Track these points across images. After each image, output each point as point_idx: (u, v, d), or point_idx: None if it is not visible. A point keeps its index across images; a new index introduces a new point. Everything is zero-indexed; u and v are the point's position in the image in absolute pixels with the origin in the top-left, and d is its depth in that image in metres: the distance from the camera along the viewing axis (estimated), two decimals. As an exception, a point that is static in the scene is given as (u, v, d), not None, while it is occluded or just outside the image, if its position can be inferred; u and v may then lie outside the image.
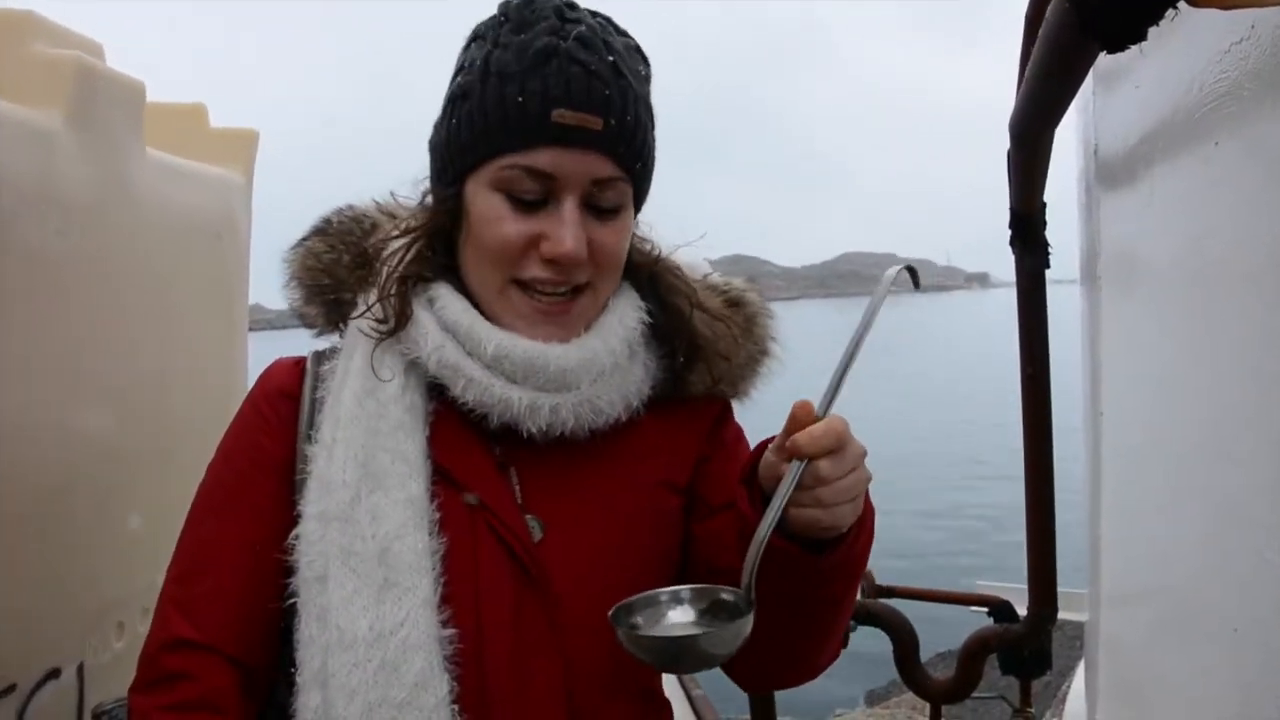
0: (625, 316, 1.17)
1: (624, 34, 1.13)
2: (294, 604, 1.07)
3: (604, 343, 1.13)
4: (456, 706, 1.03)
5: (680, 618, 1.01)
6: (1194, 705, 1.04)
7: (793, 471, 0.93)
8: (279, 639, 1.11)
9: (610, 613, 0.98)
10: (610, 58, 1.07)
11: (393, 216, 1.24)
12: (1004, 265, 2.12)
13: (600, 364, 1.12)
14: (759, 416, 1.29)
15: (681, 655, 0.98)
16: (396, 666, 1.01)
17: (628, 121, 1.07)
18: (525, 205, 1.07)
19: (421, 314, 1.12)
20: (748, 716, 2.83)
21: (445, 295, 1.13)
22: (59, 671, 1.74)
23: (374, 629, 1.02)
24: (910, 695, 5.75)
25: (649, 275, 1.22)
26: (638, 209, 1.17)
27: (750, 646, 0.96)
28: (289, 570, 1.08)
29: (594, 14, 1.11)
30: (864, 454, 0.98)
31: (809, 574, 1.00)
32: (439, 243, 1.16)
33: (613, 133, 1.06)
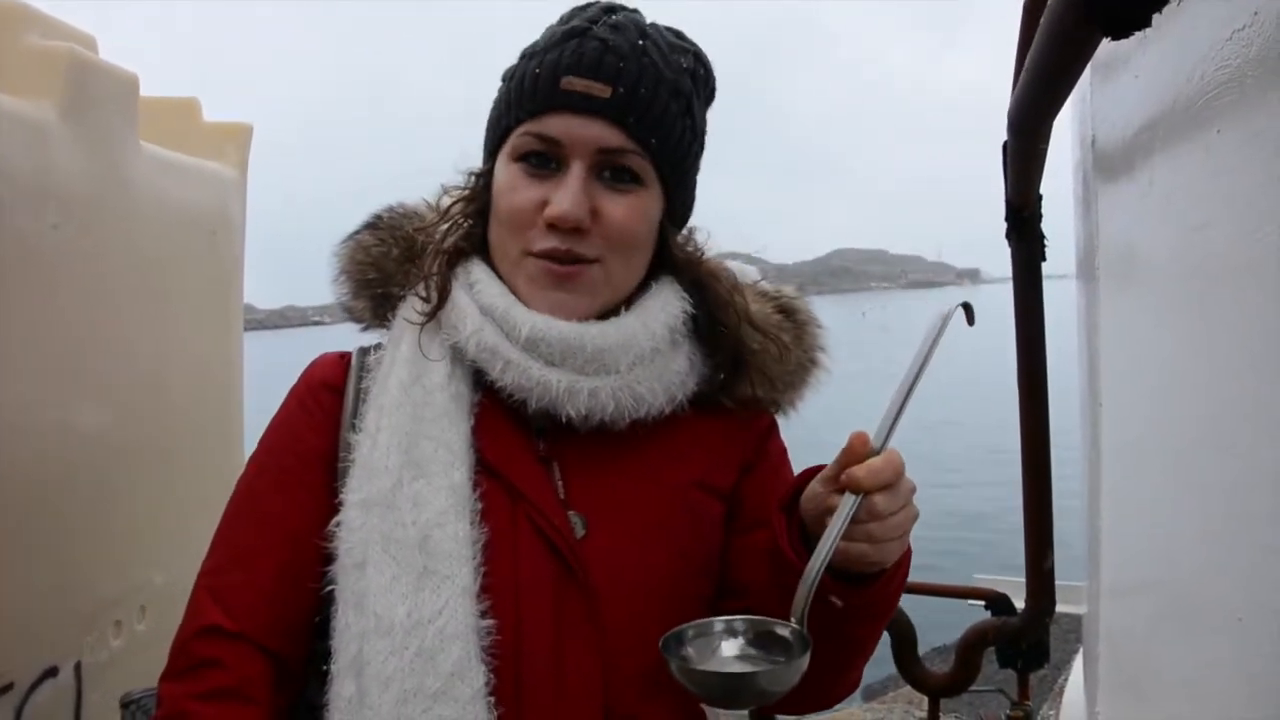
0: (668, 303, 1.17)
1: (682, 38, 1.16)
2: (330, 593, 1.07)
3: (643, 324, 1.14)
4: (493, 699, 1.02)
5: (732, 651, 0.99)
6: (1197, 697, 1.04)
7: (848, 505, 0.92)
8: (314, 632, 1.11)
9: (660, 642, 0.97)
10: (640, 41, 1.09)
11: (437, 209, 1.24)
12: (995, 261, 2.13)
13: (639, 346, 1.12)
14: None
15: (737, 691, 0.96)
16: (433, 655, 1.00)
17: (640, 93, 1.08)
18: (539, 174, 1.10)
19: (461, 297, 1.14)
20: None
21: (483, 278, 1.14)
22: (56, 670, 1.73)
23: (412, 616, 1.01)
24: (907, 690, 5.76)
25: (695, 282, 1.21)
26: (669, 196, 1.16)
27: None
28: (328, 558, 1.08)
29: (647, 20, 1.14)
30: (914, 490, 0.98)
31: (844, 610, 1.00)
32: (478, 222, 1.18)
33: (621, 101, 1.07)
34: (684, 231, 1.23)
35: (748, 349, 1.20)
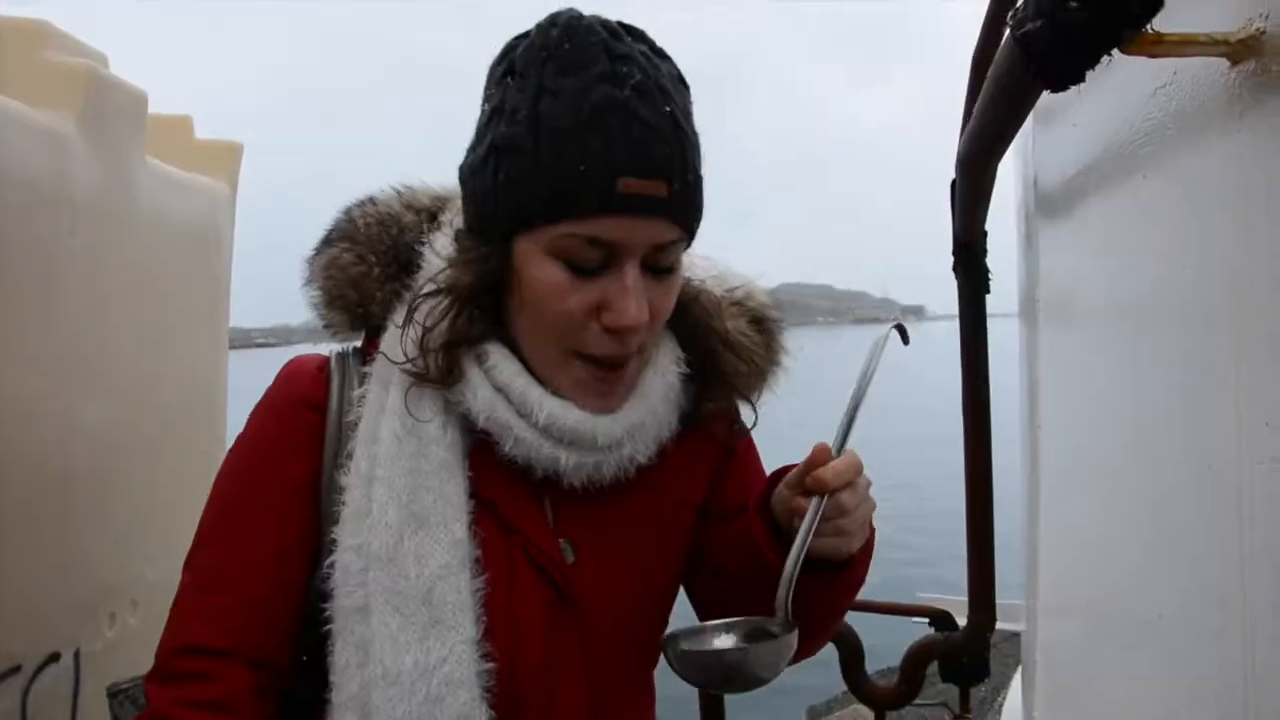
0: (665, 371, 1.16)
1: (664, 56, 1.07)
2: (322, 612, 1.07)
3: (647, 405, 1.13)
4: None
5: (727, 643, 1.05)
6: (1125, 704, 1.10)
7: (816, 506, 1.00)
8: (299, 640, 1.10)
9: (661, 639, 1.05)
10: (668, 108, 1.00)
11: (415, 210, 1.20)
12: (938, 299, 2.18)
13: (643, 427, 1.13)
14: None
15: (732, 672, 1.02)
16: (440, 699, 1.02)
17: (689, 181, 1.02)
18: (585, 271, 1.02)
19: (470, 369, 1.09)
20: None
21: (496, 354, 1.09)
22: (59, 655, 1.76)
23: (418, 665, 1.02)
24: (851, 710, 5.80)
25: (684, 313, 1.18)
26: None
27: None
28: (322, 594, 1.07)
29: (633, 34, 1.05)
30: (870, 484, 1.06)
31: (821, 595, 1.07)
32: (484, 299, 1.10)
33: (677, 197, 1.01)
34: None
35: (723, 372, 1.21)
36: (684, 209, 1.03)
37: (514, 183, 1.02)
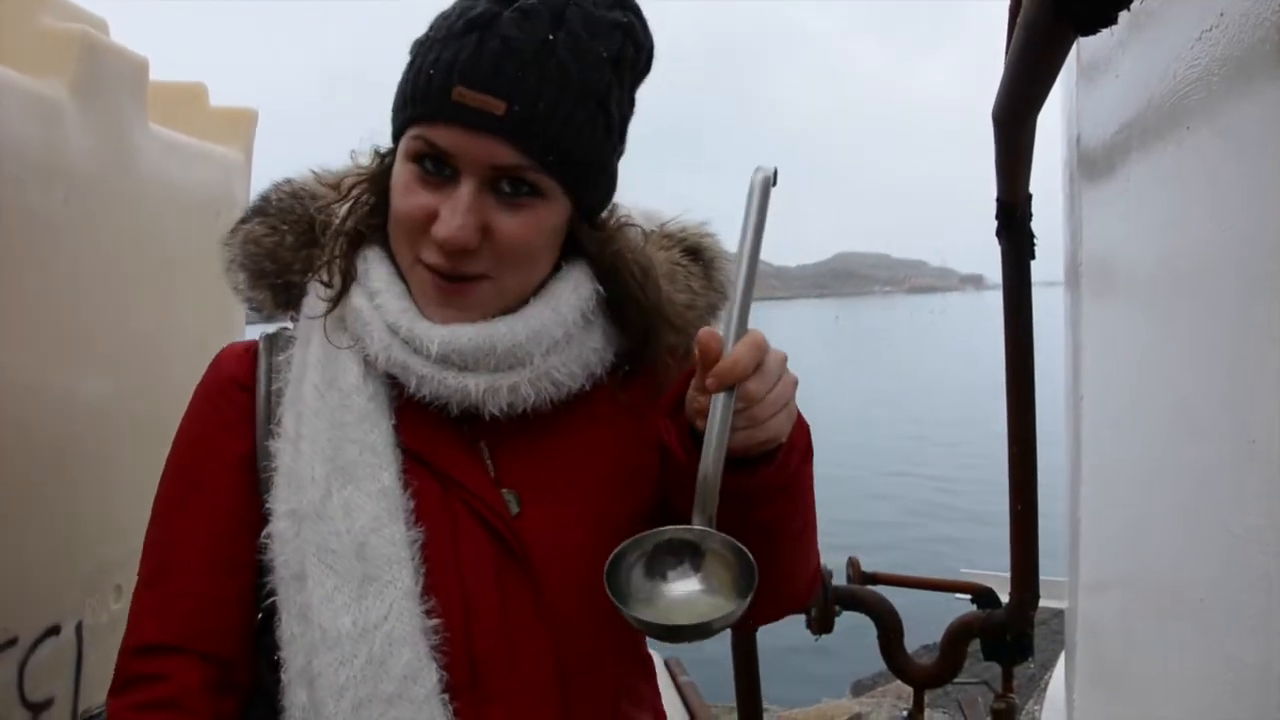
0: (579, 285, 1.12)
1: (609, 6, 1.04)
2: (273, 601, 1.05)
3: (554, 311, 1.09)
4: (446, 695, 1.01)
5: (674, 575, 0.95)
6: (1167, 684, 1.06)
7: (721, 404, 0.90)
8: (253, 628, 1.09)
9: (605, 570, 0.93)
10: (550, 36, 0.98)
11: (330, 186, 1.18)
12: (998, 268, 2.13)
13: (551, 334, 1.08)
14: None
15: (681, 635, 0.93)
16: (383, 661, 0.99)
17: (539, 109, 0.98)
18: (433, 180, 1.02)
19: (364, 307, 1.08)
20: (733, 703, 2.85)
21: (383, 289, 1.08)
22: (59, 628, 1.76)
23: (357, 625, 1.00)
24: (895, 685, 5.79)
25: (606, 268, 1.14)
26: (581, 203, 1.09)
27: None
28: (264, 569, 1.06)
29: None
30: (785, 359, 0.96)
31: (750, 496, 0.98)
32: (381, 204, 1.10)
33: (516, 119, 0.98)
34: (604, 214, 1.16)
35: (653, 313, 1.15)
36: (525, 133, 0.99)
37: (399, 85, 1.05)
